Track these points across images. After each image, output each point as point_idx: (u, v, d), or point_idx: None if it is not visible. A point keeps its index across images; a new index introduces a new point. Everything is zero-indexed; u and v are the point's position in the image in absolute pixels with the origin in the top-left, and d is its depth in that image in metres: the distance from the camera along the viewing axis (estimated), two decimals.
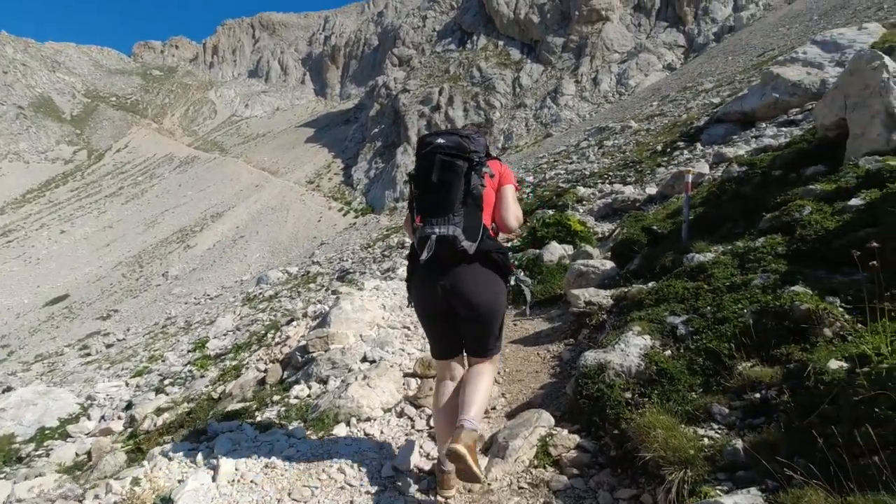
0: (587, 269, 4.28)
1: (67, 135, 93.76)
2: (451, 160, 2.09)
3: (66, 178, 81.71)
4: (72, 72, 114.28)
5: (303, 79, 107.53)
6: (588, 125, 34.57)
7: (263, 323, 9.75)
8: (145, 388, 7.07)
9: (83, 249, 56.88)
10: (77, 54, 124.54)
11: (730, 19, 44.19)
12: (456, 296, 2.11)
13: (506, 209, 2.22)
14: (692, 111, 17.78)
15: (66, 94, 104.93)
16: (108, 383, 7.68)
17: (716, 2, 46.19)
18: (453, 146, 2.12)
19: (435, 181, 2.08)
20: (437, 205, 2.08)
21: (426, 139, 2.23)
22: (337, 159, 65.84)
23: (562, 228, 6.35)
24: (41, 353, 29.33)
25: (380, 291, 5.40)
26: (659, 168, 9.76)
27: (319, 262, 22.19)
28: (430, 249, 2.03)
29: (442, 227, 2.04)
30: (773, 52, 25.93)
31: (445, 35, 64.61)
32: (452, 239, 2.03)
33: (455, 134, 2.20)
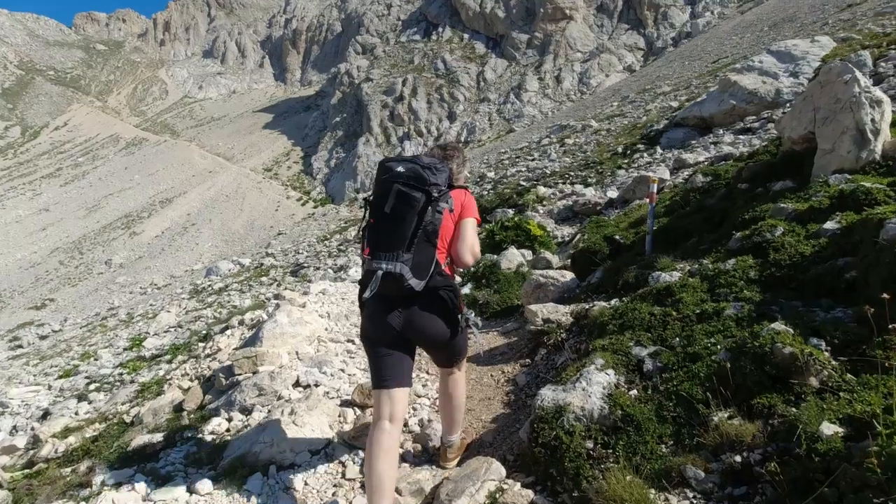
0: (546, 280, 4.06)
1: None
2: (407, 192, 2.01)
3: None
4: (3, 41, 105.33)
5: (261, 62, 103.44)
6: (550, 122, 34.94)
7: (207, 320, 9.13)
8: (68, 393, 6.39)
9: (15, 233, 52.85)
10: (10, 22, 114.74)
11: (687, 25, 45.73)
12: (413, 333, 2.11)
13: (462, 244, 2.15)
14: (651, 113, 18.10)
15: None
16: (24, 388, 6.89)
17: (674, 7, 47.71)
18: (412, 176, 2.03)
19: (388, 212, 2.01)
20: (387, 238, 2.01)
21: (386, 164, 2.14)
22: (296, 147, 63.88)
23: (521, 232, 6.15)
24: None
25: (327, 296, 4.98)
26: (619, 171, 9.75)
27: (274, 254, 21.34)
28: (374, 286, 1.97)
29: (389, 263, 1.97)
30: (727, 60, 26.99)
31: (410, 25, 63.67)
32: (399, 276, 1.97)
33: (416, 163, 2.09)
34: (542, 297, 4.00)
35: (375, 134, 50.64)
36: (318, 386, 3.07)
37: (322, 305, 4.76)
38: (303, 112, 72.62)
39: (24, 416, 5.51)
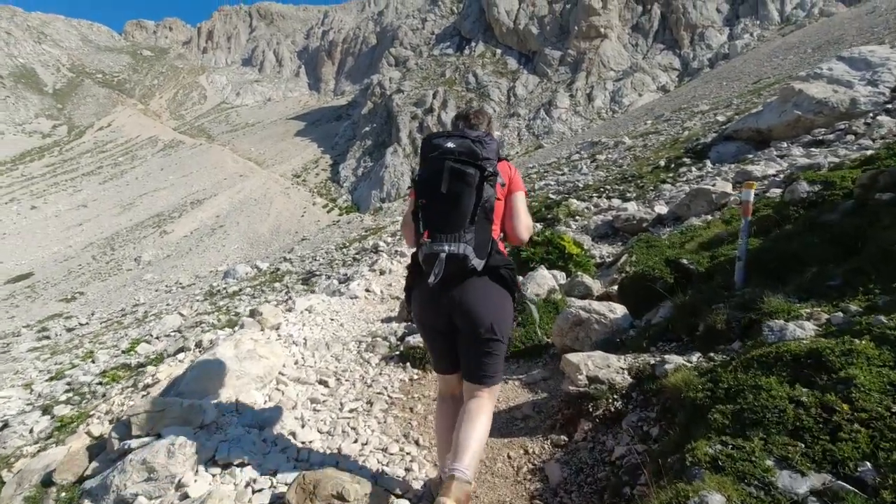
0: (589, 315, 3.10)
1: (48, 108, 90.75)
2: (462, 168, 1.89)
3: (42, 152, 78.84)
4: (58, 45, 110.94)
5: (297, 71, 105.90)
6: (580, 139, 34.10)
7: (205, 327, 8.60)
8: (40, 401, 5.87)
9: (53, 227, 54.62)
10: (65, 27, 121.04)
11: (724, 47, 44.81)
12: (461, 312, 1.96)
13: (517, 219, 2.06)
14: (694, 128, 17.01)
15: (51, 67, 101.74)
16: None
17: (712, 28, 46.82)
18: (465, 152, 1.92)
19: (444, 191, 1.89)
20: (446, 219, 1.89)
21: (434, 141, 2.01)
22: (325, 155, 64.51)
23: (553, 249, 5.11)
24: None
25: (312, 315, 4.21)
26: (663, 185, 8.73)
27: (291, 259, 20.92)
28: (439, 269, 1.86)
29: (452, 244, 1.87)
30: (769, 80, 26.00)
31: (444, 39, 63.96)
32: (463, 258, 1.88)
33: (466, 137, 1.97)
34: (582, 337, 3.09)
35: (404, 145, 50.64)
36: (245, 466, 2.09)
37: (301, 328, 3.93)
38: (334, 121, 73.57)
39: None
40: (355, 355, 3.82)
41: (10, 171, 71.93)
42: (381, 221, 31.74)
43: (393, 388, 3.28)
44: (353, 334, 4.30)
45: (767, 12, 45.38)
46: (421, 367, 3.49)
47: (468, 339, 2.00)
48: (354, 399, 3.08)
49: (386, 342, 3.90)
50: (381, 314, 4.99)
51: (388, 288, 6.06)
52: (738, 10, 47.80)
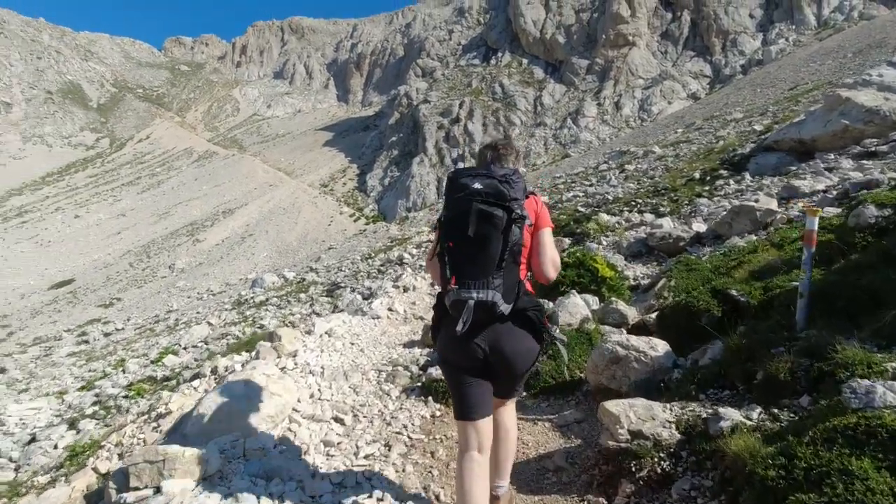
0: (627, 352, 2.81)
1: (92, 122, 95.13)
2: (489, 211, 1.84)
3: (86, 164, 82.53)
4: (103, 62, 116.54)
5: (326, 83, 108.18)
6: (608, 148, 33.53)
7: (229, 340, 8.65)
8: (69, 414, 5.96)
9: (94, 235, 56.84)
10: (110, 45, 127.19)
11: (758, 53, 43.54)
12: (494, 358, 1.95)
13: (544, 257, 2.01)
14: (729, 138, 16.39)
15: (95, 83, 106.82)
16: (24, 405, 6.57)
17: (744, 34, 45.65)
18: (492, 193, 1.86)
19: (471, 234, 1.84)
20: (474, 263, 1.86)
21: (460, 181, 1.94)
22: (353, 165, 65.38)
23: (585, 272, 4.71)
24: (40, 335, 28.62)
25: (332, 339, 4.05)
26: (699, 199, 8.26)
27: (317, 269, 21.09)
28: (467, 318, 1.83)
29: (481, 290, 1.83)
30: (807, 86, 25.06)
31: (470, 49, 64.28)
32: (491, 304, 1.85)
33: (493, 177, 1.91)
34: (619, 376, 2.81)
35: (430, 155, 50.85)
36: None
37: (319, 355, 3.78)
38: (361, 131, 74.64)
39: (13, 439, 5.07)
40: (375, 386, 3.65)
41: (57, 182, 75.50)
42: (406, 231, 31.81)
43: (413, 427, 3.08)
44: (373, 361, 4.13)
45: (803, 16, 43.92)
46: (443, 402, 3.30)
47: (499, 375, 2.02)
48: (372, 440, 2.90)
49: (407, 372, 3.73)
50: (403, 336, 4.85)
51: (412, 307, 5.89)
52: (772, 14, 46.44)
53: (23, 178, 75.38)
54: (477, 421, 1.98)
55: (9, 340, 29.86)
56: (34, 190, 72.38)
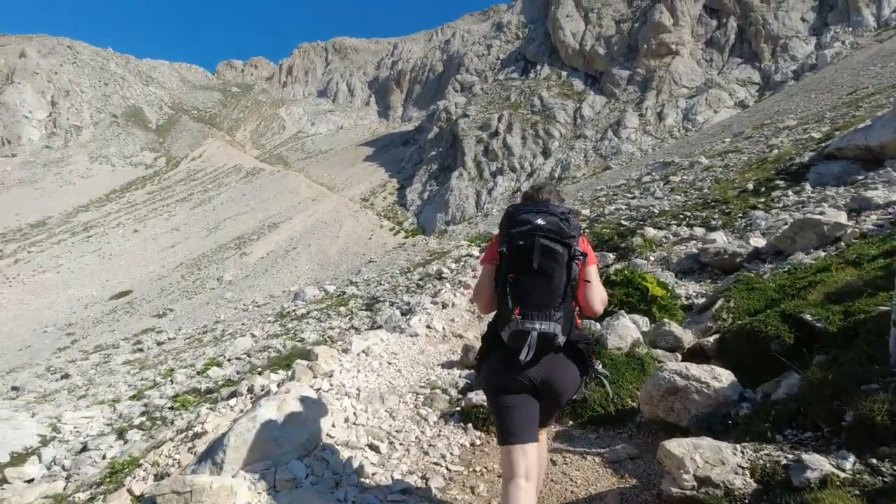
0: (686, 383, 2.57)
1: (151, 142, 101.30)
2: (552, 247, 1.93)
3: (144, 181, 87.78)
4: (162, 86, 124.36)
5: (368, 100, 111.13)
6: (651, 160, 32.65)
7: (270, 353, 8.89)
8: (118, 423, 6.29)
9: (150, 249, 60.07)
10: (169, 70, 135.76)
11: (811, 57, 41.58)
12: (545, 387, 2.02)
13: (591, 293, 2.06)
14: (783, 146, 15.62)
15: (155, 106, 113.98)
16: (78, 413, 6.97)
17: (796, 38, 43.67)
18: (554, 230, 1.95)
19: (536, 268, 1.92)
20: (538, 296, 1.92)
21: (522, 216, 2.01)
22: (393, 179, 66.51)
23: (634, 291, 4.45)
24: (100, 343, 30.41)
25: (370, 358, 4.04)
26: (754, 211, 7.81)
27: (357, 283, 21.47)
28: (530, 349, 1.90)
29: (544, 322, 1.90)
30: (867, 91, 23.71)
31: (509, 63, 64.52)
32: (552, 336, 1.93)
33: (554, 214, 2.01)
34: (678, 409, 2.58)
35: (469, 168, 51.07)
36: None
37: (356, 376, 3.76)
38: (401, 146, 75.96)
39: (67, 447, 5.39)
40: (412, 410, 3.55)
41: (119, 199, 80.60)
42: (445, 245, 31.94)
43: (452, 457, 2.95)
44: (410, 383, 4.05)
45: (861, 18, 41.67)
46: (483, 429, 3.17)
47: (549, 404, 2.09)
48: (408, 471, 2.80)
49: (446, 395, 3.64)
50: (441, 356, 4.78)
51: (451, 324, 5.85)
52: (825, 17, 44.31)
53: (89, 195, 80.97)
54: (525, 444, 1.98)
55: (73, 347, 31.87)
56: (99, 206, 77.51)
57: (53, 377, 21.48)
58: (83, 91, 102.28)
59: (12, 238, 63.82)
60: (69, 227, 67.72)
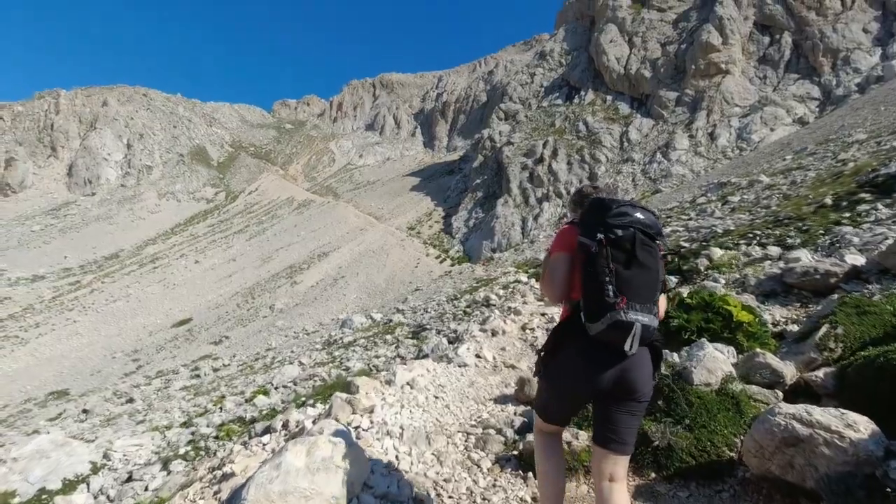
0: (811, 431, 2.06)
1: (212, 178, 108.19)
2: (650, 242, 1.93)
3: (206, 215, 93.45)
4: (223, 126, 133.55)
5: (413, 132, 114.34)
6: (703, 181, 31.35)
7: (315, 382, 8.90)
8: (165, 452, 6.40)
9: (209, 278, 63.25)
10: (229, 111, 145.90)
11: (877, 69, 39.29)
12: (627, 379, 1.94)
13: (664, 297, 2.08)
14: (861, 159, 14.51)
15: (217, 145, 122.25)
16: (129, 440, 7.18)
17: (859, 51, 41.40)
18: (652, 226, 1.96)
19: (640, 260, 1.89)
20: (643, 288, 1.88)
21: (619, 209, 1.97)
22: (438, 208, 67.34)
23: (716, 316, 3.92)
24: (162, 369, 31.96)
25: (415, 392, 3.77)
26: (839, 227, 7.15)
27: (403, 311, 21.52)
28: (634, 341, 1.84)
29: (646, 315, 1.86)
30: None
31: (552, 90, 64.70)
32: (653, 330, 1.89)
33: (650, 211, 2.02)
34: (801, 465, 2.07)
35: (514, 195, 50.94)
36: None
37: (399, 412, 3.43)
38: (446, 175, 77.13)
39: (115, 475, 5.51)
40: (462, 454, 3.17)
41: (182, 232, 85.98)
42: (491, 272, 31.65)
43: None
44: (459, 420, 3.70)
45: None
46: None
47: (628, 406, 1.97)
48: None
49: (500, 437, 3.27)
50: (493, 389, 4.45)
51: (501, 353, 5.54)
52: (890, 27, 41.91)
53: (157, 229, 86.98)
54: (564, 426, 2.15)
55: (138, 373, 33.63)
56: (165, 239, 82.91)
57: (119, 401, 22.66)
58: (155, 133, 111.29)
59: (89, 269, 69.20)
60: (138, 259, 72.66)
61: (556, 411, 2.11)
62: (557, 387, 2.05)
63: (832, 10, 44.85)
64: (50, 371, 38.42)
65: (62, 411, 22.52)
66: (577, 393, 2.01)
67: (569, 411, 2.12)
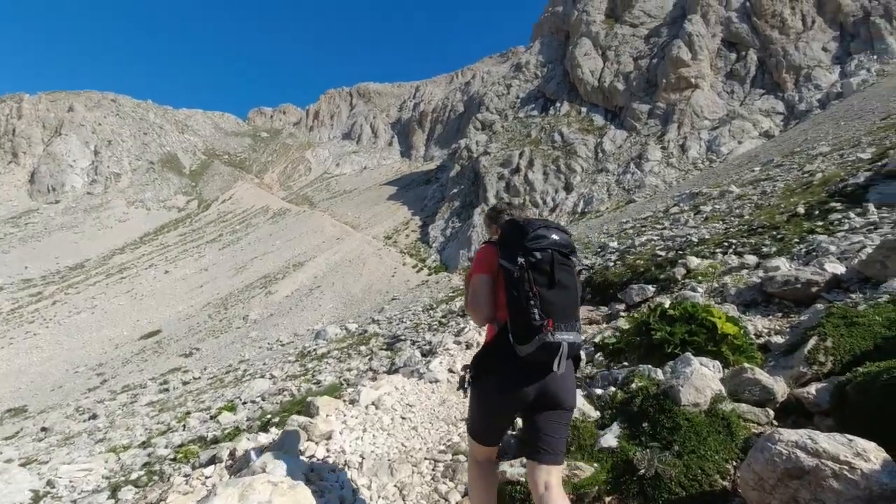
0: (817, 462, 1.81)
1: (184, 187, 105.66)
2: (567, 262, 2.00)
3: (177, 224, 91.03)
4: (196, 133, 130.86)
5: (391, 141, 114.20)
6: (676, 191, 32.10)
7: (284, 398, 8.53)
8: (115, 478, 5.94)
9: (180, 289, 61.39)
10: (203, 119, 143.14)
11: (836, 86, 41.27)
12: (553, 392, 2.02)
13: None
14: (828, 170, 14.96)
15: (189, 152, 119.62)
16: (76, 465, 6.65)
17: (819, 68, 43.41)
18: (567, 245, 2.03)
19: (560, 282, 1.95)
20: (564, 307, 1.94)
21: (536, 231, 2.02)
22: (415, 217, 67.17)
23: (699, 328, 3.71)
24: (128, 383, 30.63)
25: (380, 412, 3.42)
26: (813, 235, 7.17)
27: (379, 321, 21.17)
28: (562, 359, 1.90)
29: (571, 332, 1.93)
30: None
31: (528, 101, 65.57)
32: (578, 346, 1.98)
33: (564, 231, 2.08)
34: (806, 500, 1.82)
35: (491, 205, 51.10)
36: None
37: (360, 437, 3.09)
38: (423, 185, 77.10)
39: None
40: (428, 485, 2.85)
41: (152, 241, 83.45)
42: None
43: None
44: (428, 445, 3.39)
45: (886, 46, 41.37)
46: None
47: (552, 416, 2.05)
48: None
49: None
50: (465, 407, 4.17)
51: None
52: (847, 46, 44.09)
53: (125, 238, 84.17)
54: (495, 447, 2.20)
55: (102, 388, 32.17)
56: (133, 249, 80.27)
57: (81, 417, 21.52)
58: (124, 140, 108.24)
59: (52, 280, 66.31)
60: (105, 269, 70.06)
61: (487, 429, 2.17)
62: (488, 404, 2.09)
63: (794, 30, 46.86)
64: (6, 387, 36.47)
65: (19, 430, 21.27)
66: (507, 407, 2.07)
67: (499, 428, 2.17)
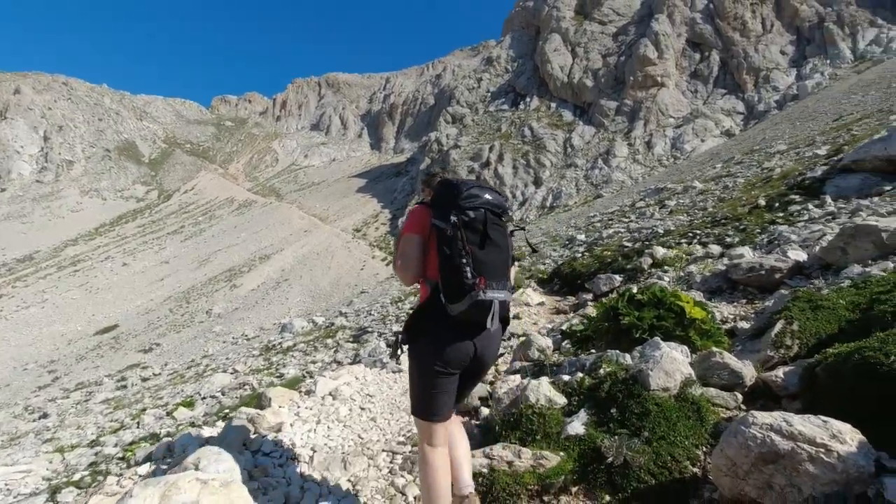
0: (793, 445, 1.72)
1: (143, 176, 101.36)
2: (499, 221, 2.03)
3: (135, 214, 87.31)
4: (156, 121, 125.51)
5: (360, 133, 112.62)
6: (642, 186, 32.93)
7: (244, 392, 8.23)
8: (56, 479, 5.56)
9: (139, 282, 59.02)
10: (163, 105, 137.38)
11: (793, 88, 43.24)
12: (482, 355, 2.06)
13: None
14: (786, 165, 15.54)
15: (148, 140, 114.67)
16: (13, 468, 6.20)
17: (777, 70, 45.36)
18: (500, 205, 2.04)
19: (493, 239, 1.96)
20: (496, 266, 1.96)
21: (469, 190, 2.00)
22: (385, 210, 66.61)
23: (667, 313, 3.73)
24: (83, 381, 29.20)
25: (337, 403, 3.20)
26: (776, 225, 7.37)
27: (346, 314, 20.83)
28: (494, 317, 1.92)
29: (501, 292, 1.95)
30: (853, 116, 24.56)
31: (499, 96, 65.79)
32: (508, 304, 2.01)
33: (498, 192, 2.11)
34: (781, 485, 1.74)
35: None
36: None
37: (313, 429, 2.89)
38: (393, 177, 76.45)
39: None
40: (385, 478, 2.66)
41: (108, 232, 79.82)
42: None
43: None
44: (387, 436, 3.19)
45: (838, 51, 43.43)
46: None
47: (476, 375, 2.14)
48: None
49: None
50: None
51: None
52: (804, 50, 46.13)
53: (79, 229, 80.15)
54: (448, 421, 2.09)
55: (54, 385, 30.59)
56: (87, 240, 76.56)
57: (31, 417, 20.37)
58: (77, 126, 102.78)
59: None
60: (56, 262, 66.60)
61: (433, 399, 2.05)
62: (428, 368, 2.02)
63: (754, 32, 48.60)
64: None
65: None
66: (448, 368, 2.01)
67: (447, 393, 2.06)
